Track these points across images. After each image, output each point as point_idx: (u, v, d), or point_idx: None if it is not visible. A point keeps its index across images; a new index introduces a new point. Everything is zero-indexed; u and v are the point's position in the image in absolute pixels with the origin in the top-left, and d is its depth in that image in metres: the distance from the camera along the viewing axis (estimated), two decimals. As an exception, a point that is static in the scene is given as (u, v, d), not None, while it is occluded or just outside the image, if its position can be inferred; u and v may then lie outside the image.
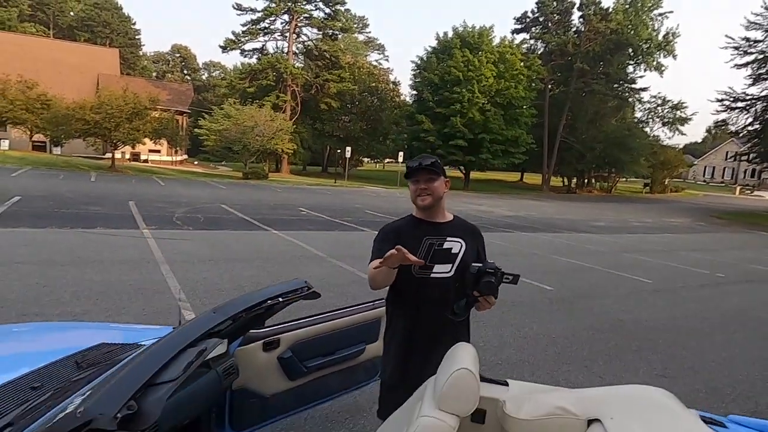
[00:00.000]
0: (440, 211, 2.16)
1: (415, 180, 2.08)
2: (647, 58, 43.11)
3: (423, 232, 2.10)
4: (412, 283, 2.06)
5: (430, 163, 2.06)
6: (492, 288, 1.93)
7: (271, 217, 13.27)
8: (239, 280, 6.41)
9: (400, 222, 2.21)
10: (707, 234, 19.42)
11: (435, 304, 2.06)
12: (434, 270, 2.08)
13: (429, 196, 2.07)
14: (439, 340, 2.04)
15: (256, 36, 41.90)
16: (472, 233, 2.24)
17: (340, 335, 2.83)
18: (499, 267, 1.95)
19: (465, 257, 2.11)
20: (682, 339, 5.54)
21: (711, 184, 72.32)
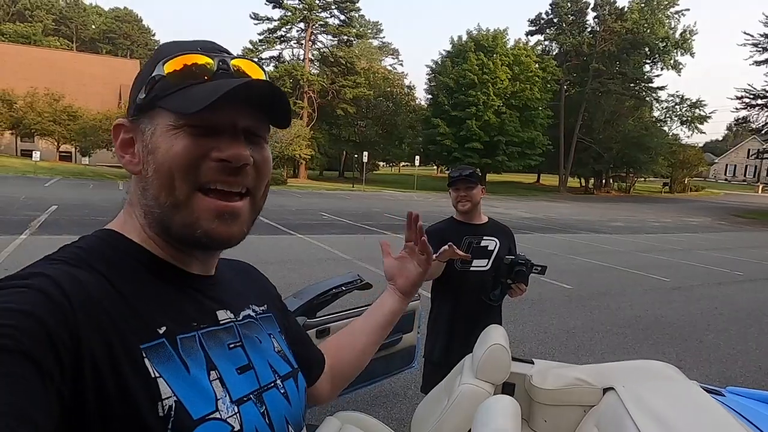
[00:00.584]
0: (477, 214, 2.56)
1: (456, 188, 2.49)
2: (664, 56, 42.84)
3: (463, 232, 2.49)
4: (454, 275, 2.45)
5: (468, 174, 2.48)
6: (523, 276, 2.32)
7: (295, 222, 13.71)
8: (273, 281, 6.77)
9: (443, 224, 2.61)
10: (727, 233, 19.35)
11: (474, 292, 2.45)
12: (473, 264, 2.47)
13: (468, 202, 2.47)
14: (478, 323, 2.41)
15: (273, 44, 42.71)
16: (505, 232, 2.64)
17: None
18: (529, 259, 2.34)
19: (499, 253, 2.51)
20: (698, 333, 5.77)
21: (732, 183, 71.17)
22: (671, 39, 41.95)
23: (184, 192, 0.62)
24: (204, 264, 0.71)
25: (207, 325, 0.65)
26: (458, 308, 2.47)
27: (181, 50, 0.63)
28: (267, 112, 0.66)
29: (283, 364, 0.76)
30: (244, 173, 0.65)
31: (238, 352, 0.68)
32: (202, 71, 0.62)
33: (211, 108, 0.57)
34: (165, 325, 0.59)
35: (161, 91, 0.61)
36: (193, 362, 0.60)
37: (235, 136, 0.63)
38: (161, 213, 0.63)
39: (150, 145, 0.62)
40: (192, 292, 0.67)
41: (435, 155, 39.83)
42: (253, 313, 0.77)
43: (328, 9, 42.49)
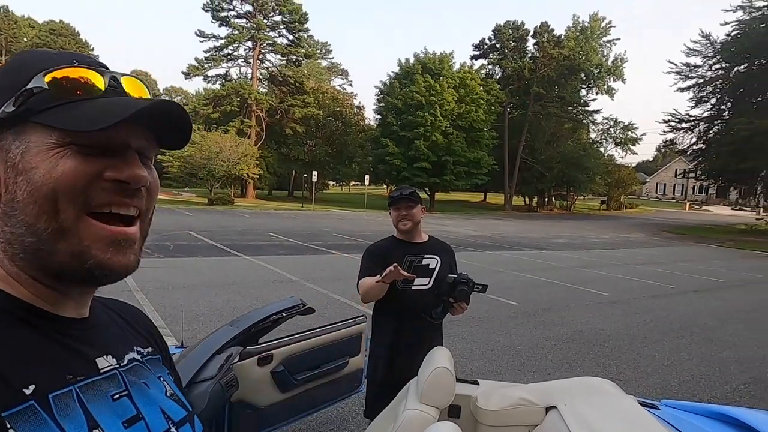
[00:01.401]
0: (418, 233, 2.58)
1: (397, 207, 2.50)
2: (598, 82, 45.50)
3: (404, 251, 2.46)
4: (396, 295, 2.43)
5: (408, 194, 2.51)
6: (465, 295, 2.33)
7: (241, 243, 13.34)
8: (216, 306, 6.54)
9: (384, 242, 2.61)
10: (660, 248, 20.50)
11: (416, 311, 2.44)
12: (414, 283, 2.46)
13: (409, 221, 2.49)
14: (420, 343, 2.39)
15: (219, 62, 42.03)
16: (446, 250, 2.65)
17: (326, 350, 3.09)
18: (471, 278, 2.34)
19: (441, 271, 2.51)
20: (635, 346, 6.00)
21: (663, 200, 75.90)
22: (604, 66, 44.66)
23: (71, 216, 0.53)
24: (79, 305, 0.61)
25: (85, 376, 0.56)
26: (400, 327, 2.47)
27: (63, 63, 0.56)
28: (163, 134, 0.61)
29: (178, 409, 0.67)
30: (139, 195, 0.59)
31: (124, 402, 0.59)
32: (91, 87, 0.56)
33: (109, 127, 0.52)
34: (33, 383, 0.50)
35: (39, 105, 0.53)
36: (71, 424, 0.51)
37: (130, 157, 0.57)
38: (37, 242, 0.53)
39: (21, 165, 0.53)
40: (64, 339, 0.57)
41: (384, 174, 40.17)
42: (139, 355, 0.68)
43: (277, 29, 42.43)
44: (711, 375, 5.12)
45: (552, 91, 43.48)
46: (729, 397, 4.54)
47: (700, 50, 34.04)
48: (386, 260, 2.36)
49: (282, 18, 41.91)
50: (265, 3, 40.37)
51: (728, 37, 32.26)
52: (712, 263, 15.99)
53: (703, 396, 4.54)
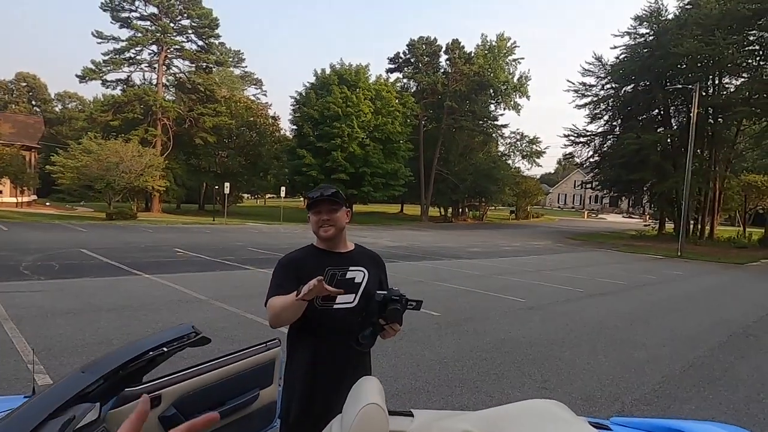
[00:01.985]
0: (342, 241, 2.15)
1: (317, 211, 2.06)
2: (505, 98, 47.98)
3: (325, 262, 2.06)
4: (314, 315, 2.00)
5: (331, 194, 2.05)
6: (397, 315, 1.94)
7: (142, 261, 12.14)
8: (106, 333, 5.69)
9: (300, 253, 2.16)
10: (566, 254, 21.70)
11: (339, 335, 2.03)
12: (337, 300, 2.03)
13: (332, 227, 2.06)
14: (344, 372, 2.02)
15: (119, 66, 38.98)
16: (375, 261, 2.23)
17: (231, 383, 2.60)
18: (403, 294, 1.97)
19: (368, 286, 2.09)
20: (555, 351, 6.02)
21: (564, 210, 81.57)
22: (510, 83, 47.21)
23: None
24: None
25: None
26: (319, 354, 2.04)
27: None
28: None
29: None
30: None
31: None
32: None
33: None
34: None
35: None
36: None
37: None
38: None
39: None
40: None
41: (301, 186, 39.28)
42: None
43: (185, 33, 40.29)
44: (629, 377, 5.20)
45: (464, 105, 45.14)
46: (647, 399, 4.59)
47: (593, 71, 37.08)
48: (303, 273, 1.96)
49: (191, 22, 39.88)
50: (171, 6, 38.19)
51: (617, 60, 35.42)
52: (611, 267, 17.10)
53: (624, 399, 4.55)
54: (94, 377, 1.40)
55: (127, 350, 1.64)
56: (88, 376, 1.40)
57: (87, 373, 1.43)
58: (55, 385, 1.42)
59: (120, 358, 1.57)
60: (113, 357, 1.59)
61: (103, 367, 1.48)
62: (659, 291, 12.06)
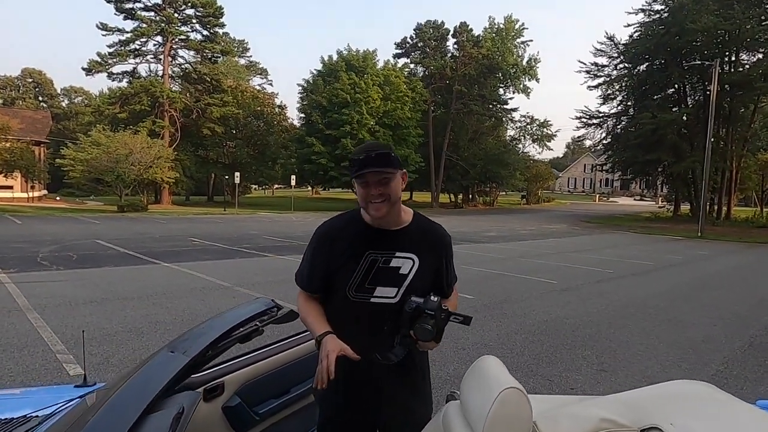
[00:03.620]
0: (394, 216, 1.65)
1: (365, 182, 1.56)
2: (515, 81, 47.20)
3: (366, 243, 1.63)
4: (347, 308, 1.63)
5: (380, 156, 1.54)
6: (426, 334, 1.53)
7: (158, 250, 11.92)
8: (133, 321, 5.45)
9: (341, 222, 1.72)
10: (584, 236, 21.29)
11: (374, 335, 1.63)
12: (375, 293, 1.63)
13: (384, 203, 1.57)
14: (384, 376, 1.65)
15: (125, 58, 38.68)
16: (433, 244, 1.74)
17: (292, 369, 2.32)
18: (445, 306, 1.57)
19: (414, 280, 1.65)
20: (603, 332, 5.71)
21: (574, 194, 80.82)
22: (519, 65, 46.41)
23: None
24: None
25: None
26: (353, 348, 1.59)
27: None
28: None
29: None
30: None
31: None
32: None
33: None
34: None
35: None
36: None
37: None
38: None
39: None
40: None
41: (310, 175, 38.99)
42: None
43: (189, 23, 39.82)
44: (689, 357, 4.89)
45: (473, 89, 44.43)
46: (717, 380, 4.28)
47: (606, 51, 36.28)
48: (337, 250, 1.61)
49: (195, 12, 39.38)
50: (175, -5, 37.74)
51: (630, 39, 34.59)
52: (633, 248, 16.70)
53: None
54: (188, 358, 1.11)
55: (215, 325, 1.35)
56: (181, 357, 1.11)
57: (177, 352, 1.14)
58: (144, 368, 1.13)
59: (209, 334, 1.27)
60: (202, 334, 1.30)
61: (195, 345, 1.19)
62: (689, 270, 11.68)
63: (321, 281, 1.67)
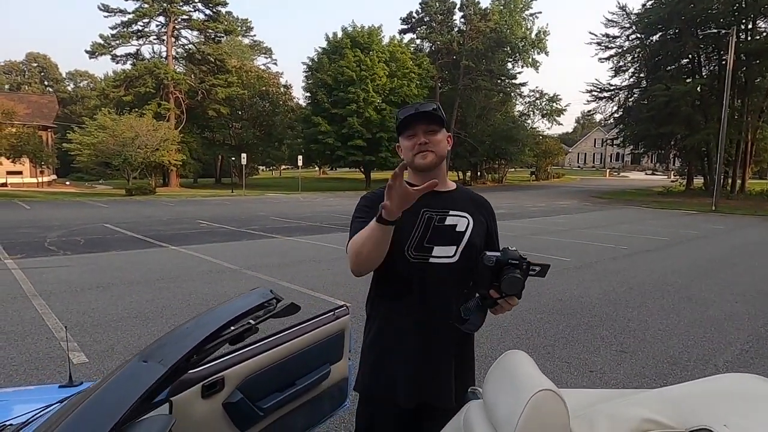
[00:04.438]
0: (441, 176, 1.63)
1: (411, 134, 1.56)
2: (523, 55, 46.28)
3: (420, 202, 1.49)
4: (404, 270, 1.53)
5: (431, 110, 1.53)
6: (517, 285, 1.36)
7: (166, 233, 11.85)
8: (139, 306, 5.35)
9: None
10: (595, 212, 20.98)
11: (436, 297, 1.54)
12: (434, 252, 1.55)
13: (431, 153, 1.56)
14: (440, 341, 1.56)
15: (128, 39, 38.30)
16: (480, 207, 1.70)
17: (299, 360, 2.16)
18: (524, 256, 1.41)
19: (472, 238, 1.59)
20: (621, 311, 5.53)
21: (584, 169, 79.86)
22: (528, 39, 45.43)
23: None
24: None
25: None
26: (409, 325, 1.56)
27: None
28: None
29: None
30: None
31: None
32: None
33: None
34: None
35: None
36: None
37: None
38: None
39: None
40: None
41: (317, 155, 38.69)
42: None
43: (192, 2, 39.21)
44: (711, 336, 4.70)
45: (480, 64, 43.59)
46: (742, 360, 4.10)
47: (617, 21, 35.29)
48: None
49: (196, -10, 38.77)
50: (176, -26, 37.09)
51: (643, 8, 33.57)
52: (647, 223, 16.41)
53: (717, 361, 4.07)
54: (165, 368, 0.94)
55: (202, 324, 1.18)
56: (155, 366, 0.94)
57: (151, 361, 0.97)
58: (106, 385, 0.96)
59: (193, 337, 1.11)
60: (182, 336, 1.13)
61: (174, 352, 1.02)
62: (706, 245, 11.41)
63: None
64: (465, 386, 1.57)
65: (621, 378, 3.71)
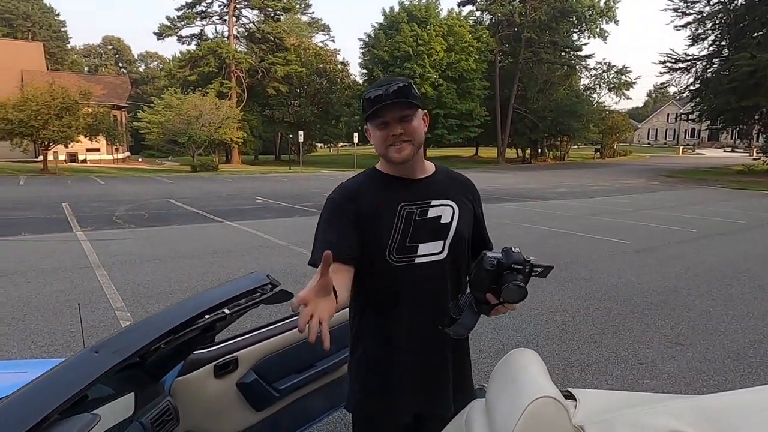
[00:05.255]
0: (419, 162, 1.41)
1: (382, 122, 1.31)
2: (590, 24, 43.56)
3: (396, 196, 1.37)
4: (389, 276, 1.34)
5: (399, 90, 1.27)
6: (519, 293, 1.19)
7: (224, 208, 12.30)
8: (189, 279, 5.58)
9: (357, 182, 1.45)
10: (664, 192, 19.71)
11: (425, 300, 1.37)
12: (419, 252, 1.36)
13: (407, 144, 1.32)
14: (436, 347, 1.39)
15: (192, 20, 39.60)
16: (464, 189, 1.51)
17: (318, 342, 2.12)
18: (527, 258, 1.23)
19: (460, 228, 1.41)
20: (682, 299, 5.16)
21: (655, 146, 75.17)
22: (596, 7, 42.65)
23: None
24: None
25: None
26: (399, 335, 1.38)
27: None
28: None
29: None
30: None
31: None
32: None
33: None
34: None
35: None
36: None
37: None
38: None
39: None
40: None
41: (373, 132, 38.64)
42: None
43: (252, -19, 39.82)
44: (784, 331, 4.29)
45: (543, 36, 41.53)
46: (818, 359, 3.71)
47: (698, -16, 32.37)
48: (363, 211, 1.33)
49: (256, -31, 39.27)
50: (236, -47, 37.68)
51: (728, -32, 30.58)
52: (722, 205, 15.21)
53: (787, 360, 3.71)
54: (114, 360, 0.91)
55: (174, 314, 1.15)
56: (111, 356, 0.92)
57: (103, 353, 0.95)
58: (55, 371, 0.93)
59: (156, 329, 1.07)
60: (148, 326, 1.10)
61: (129, 344, 0.99)
62: (788, 230, 10.43)
63: (352, 243, 1.31)
64: (462, 388, 1.47)
65: (673, 372, 3.46)
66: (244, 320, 1.92)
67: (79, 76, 46.16)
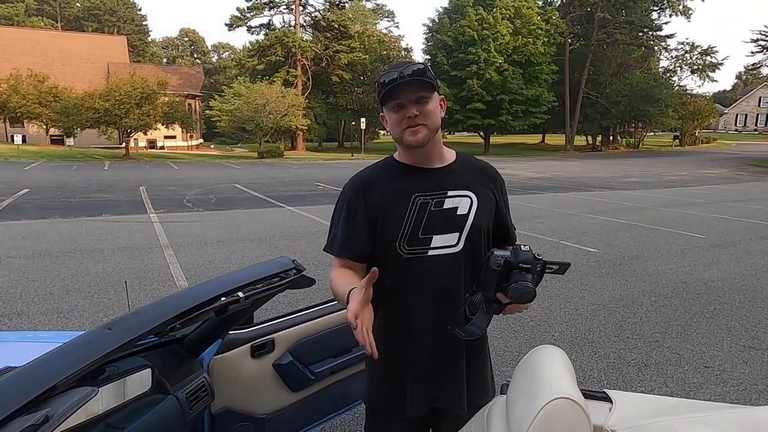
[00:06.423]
0: (436, 150, 1.36)
1: (397, 104, 1.27)
2: (672, 1, 40.52)
3: (410, 186, 1.33)
4: (400, 268, 1.30)
5: (415, 73, 1.24)
6: (527, 295, 1.09)
7: (285, 194, 12.68)
8: (248, 261, 5.81)
9: (372, 170, 1.42)
10: (750, 183, 18.15)
11: (439, 293, 1.32)
12: (433, 243, 1.31)
13: (423, 127, 1.27)
14: (451, 343, 1.33)
15: (261, 11, 40.71)
16: (486, 178, 1.42)
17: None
18: (538, 256, 1.15)
19: (477, 220, 1.34)
20: (760, 300, 4.74)
21: (743, 133, 69.21)
22: (680, -18, 39.59)
23: None
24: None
25: None
26: (411, 328, 1.34)
27: None
28: None
29: None
30: None
31: None
32: None
33: None
34: None
35: None
36: None
37: None
38: None
39: None
40: None
41: (437, 118, 38.26)
42: None
43: (317, -30, 40.30)
44: None
45: (619, 15, 39.12)
46: None
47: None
48: (375, 202, 1.31)
49: (322, -42, 39.65)
50: (303, -58, 38.19)
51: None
52: (819, 198, 13.79)
53: None
54: (125, 338, 0.96)
55: (187, 296, 1.19)
56: (117, 335, 0.97)
57: (116, 329, 1.00)
58: (68, 345, 1.00)
59: (169, 309, 1.11)
60: (164, 306, 1.15)
61: (139, 323, 1.04)
62: None
63: (365, 239, 1.33)
64: (479, 383, 1.42)
65: (743, 378, 3.20)
66: (279, 303, 1.97)
67: (157, 67, 48.99)
